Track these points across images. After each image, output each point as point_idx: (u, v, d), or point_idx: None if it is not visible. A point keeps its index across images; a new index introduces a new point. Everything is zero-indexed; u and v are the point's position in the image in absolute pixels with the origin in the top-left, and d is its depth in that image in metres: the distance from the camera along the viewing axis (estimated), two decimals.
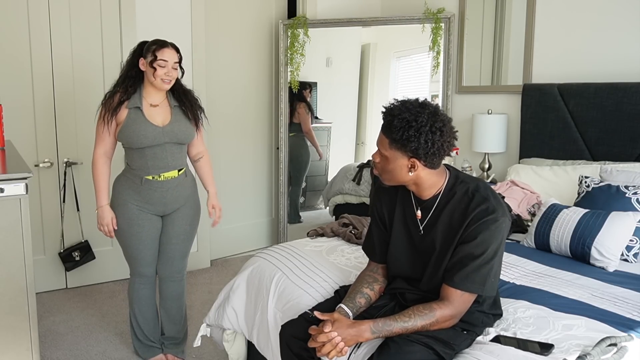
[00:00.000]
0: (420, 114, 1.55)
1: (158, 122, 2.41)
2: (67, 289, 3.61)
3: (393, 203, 1.79)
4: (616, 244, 2.31)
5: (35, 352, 2.00)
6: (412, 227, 1.74)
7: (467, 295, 1.60)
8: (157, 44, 2.37)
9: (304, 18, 4.16)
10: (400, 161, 1.60)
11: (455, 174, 1.71)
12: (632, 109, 2.95)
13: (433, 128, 1.55)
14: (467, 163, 3.59)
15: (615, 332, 1.66)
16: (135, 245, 2.48)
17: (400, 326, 1.58)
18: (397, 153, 1.59)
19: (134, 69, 2.40)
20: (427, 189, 1.67)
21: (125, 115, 2.37)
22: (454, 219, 1.63)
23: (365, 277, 1.84)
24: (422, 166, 1.61)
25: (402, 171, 1.62)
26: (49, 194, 3.48)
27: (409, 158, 1.59)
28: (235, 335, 2.43)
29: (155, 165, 2.42)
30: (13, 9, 3.24)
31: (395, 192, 1.79)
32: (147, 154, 2.39)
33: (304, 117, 4.31)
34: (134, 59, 2.40)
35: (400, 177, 1.64)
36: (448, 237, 1.65)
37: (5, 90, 3.25)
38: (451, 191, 1.67)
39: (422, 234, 1.71)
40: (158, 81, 2.35)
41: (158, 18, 3.69)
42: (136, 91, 2.39)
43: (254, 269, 2.37)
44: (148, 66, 2.34)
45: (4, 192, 1.87)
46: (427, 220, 1.70)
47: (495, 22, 3.79)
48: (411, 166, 1.60)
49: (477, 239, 1.58)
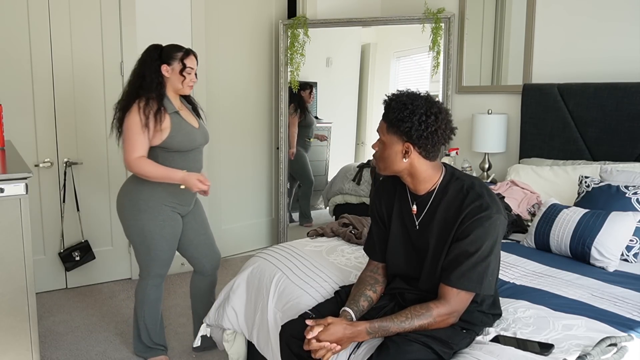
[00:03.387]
0: (417, 99, 1.61)
1: (194, 124, 2.51)
2: (67, 289, 3.61)
3: (391, 200, 1.80)
4: (616, 244, 2.31)
5: (35, 352, 2.01)
6: (408, 223, 1.75)
7: (464, 294, 1.60)
8: (181, 51, 2.41)
9: (304, 18, 4.16)
10: (395, 147, 1.64)
11: (452, 171, 1.72)
12: (632, 109, 2.95)
13: (428, 112, 1.59)
14: (467, 163, 3.59)
15: (615, 332, 1.66)
16: (162, 247, 2.50)
17: (397, 326, 1.58)
18: (393, 137, 1.63)
19: (160, 75, 2.40)
20: (422, 183, 1.69)
21: (169, 121, 2.38)
22: (448, 215, 1.64)
23: (367, 279, 1.84)
24: (416, 153, 1.63)
25: (397, 157, 1.65)
26: (49, 194, 3.48)
27: (403, 143, 1.62)
28: (235, 335, 2.43)
29: (195, 166, 2.51)
30: (13, 9, 3.24)
31: (393, 190, 1.80)
32: (190, 156, 2.47)
33: (291, 118, 4.32)
34: (156, 65, 2.39)
35: (395, 165, 1.66)
36: (443, 233, 1.65)
37: (5, 90, 3.25)
38: (446, 187, 1.68)
39: (418, 229, 1.72)
40: (185, 87, 2.43)
41: (158, 18, 3.69)
42: (165, 96, 2.42)
43: (254, 269, 2.37)
44: (177, 74, 2.39)
45: (4, 192, 1.87)
46: (423, 215, 1.71)
47: (495, 22, 3.79)
48: (405, 151, 1.63)
49: (471, 236, 1.58)
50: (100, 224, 3.68)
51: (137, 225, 2.45)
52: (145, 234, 2.46)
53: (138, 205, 2.44)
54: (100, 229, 3.68)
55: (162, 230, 2.47)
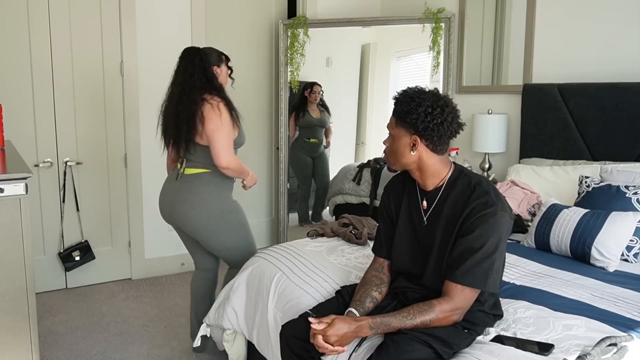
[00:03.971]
0: (424, 93, 1.65)
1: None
2: (67, 289, 3.61)
3: (400, 198, 1.82)
4: (616, 244, 2.31)
5: (35, 352, 2.00)
6: (416, 218, 1.76)
7: (468, 291, 1.60)
8: (225, 55, 2.59)
9: (304, 18, 4.16)
10: (404, 139, 1.67)
11: (460, 168, 1.74)
12: (632, 109, 2.95)
13: (435, 105, 1.62)
14: (467, 163, 3.59)
15: (615, 332, 1.66)
16: (250, 234, 2.62)
17: (399, 322, 1.58)
18: (401, 131, 1.67)
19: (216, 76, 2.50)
20: (431, 177, 1.71)
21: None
22: (455, 210, 1.65)
23: (373, 279, 1.84)
24: (424, 146, 1.66)
25: (405, 150, 1.67)
26: (49, 194, 3.48)
27: (410, 135, 1.65)
28: (235, 335, 2.43)
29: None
30: (13, 9, 3.24)
31: (402, 187, 1.82)
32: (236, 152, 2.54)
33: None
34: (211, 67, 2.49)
35: (404, 158, 1.69)
36: (448, 228, 1.66)
37: (5, 90, 3.25)
38: (454, 183, 1.69)
39: (426, 224, 1.73)
40: (227, 88, 2.54)
41: (158, 18, 3.69)
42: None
43: (254, 269, 2.37)
44: (225, 76, 2.55)
45: (4, 192, 1.87)
46: (431, 211, 1.72)
47: (495, 22, 3.79)
48: (413, 144, 1.65)
49: (476, 232, 1.59)
50: (100, 224, 3.68)
51: (232, 225, 2.52)
52: (241, 229, 2.55)
53: (227, 207, 2.52)
54: (100, 229, 3.68)
55: (245, 221, 2.61)
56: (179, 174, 2.50)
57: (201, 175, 2.48)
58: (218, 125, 2.37)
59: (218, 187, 2.50)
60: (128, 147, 3.69)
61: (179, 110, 2.40)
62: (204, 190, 2.47)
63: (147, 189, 3.77)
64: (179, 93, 2.42)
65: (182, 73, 2.45)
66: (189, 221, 2.48)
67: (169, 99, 2.48)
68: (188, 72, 2.43)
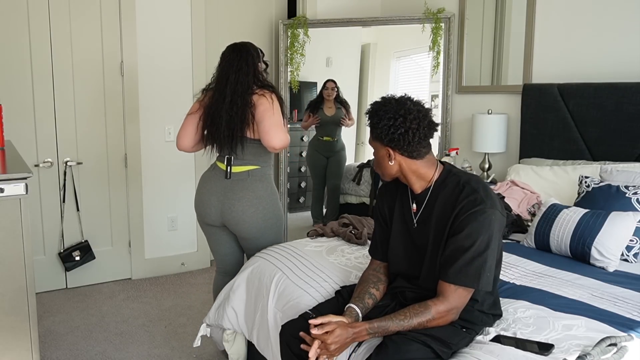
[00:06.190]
0: (387, 104, 1.65)
1: None
2: (67, 289, 3.61)
3: (393, 200, 1.83)
4: (616, 244, 2.31)
5: (35, 352, 2.00)
6: (408, 221, 1.77)
7: (462, 290, 1.60)
8: (260, 50, 2.57)
9: (304, 18, 4.16)
10: (381, 152, 1.69)
11: (449, 168, 1.73)
12: (632, 109, 2.95)
13: (396, 115, 1.61)
14: (467, 163, 3.59)
15: (615, 332, 1.66)
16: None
17: (396, 325, 1.58)
18: (376, 144, 1.69)
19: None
20: (417, 181, 1.71)
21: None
22: (445, 210, 1.65)
23: (370, 277, 1.85)
24: (399, 155, 1.67)
25: (384, 161, 1.70)
26: (49, 194, 3.48)
27: (384, 147, 1.67)
28: (235, 335, 2.43)
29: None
30: (13, 9, 3.25)
31: (395, 190, 1.83)
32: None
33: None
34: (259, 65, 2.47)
35: (387, 169, 1.71)
36: (440, 229, 1.66)
37: (5, 90, 3.25)
38: (443, 184, 1.69)
39: (417, 226, 1.73)
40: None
41: (158, 18, 3.69)
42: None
43: (254, 269, 2.37)
44: (263, 72, 2.50)
45: (4, 192, 1.87)
46: (421, 213, 1.72)
47: (495, 22, 3.79)
48: (389, 155, 1.67)
49: (465, 231, 1.58)
50: (100, 224, 3.68)
51: (280, 222, 2.53)
52: (278, 221, 2.54)
53: (278, 204, 2.53)
54: (100, 229, 3.68)
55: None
56: (229, 172, 2.42)
57: (253, 172, 2.44)
58: (268, 108, 2.32)
59: (270, 182, 2.49)
60: (128, 147, 3.69)
61: (233, 112, 2.33)
62: (260, 186, 2.43)
63: (147, 189, 3.77)
64: (232, 93, 2.34)
65: (236, 72, 2.37)
66: (247, 218, 2.41)
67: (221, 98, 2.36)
68: (243, 71, 2.38)
